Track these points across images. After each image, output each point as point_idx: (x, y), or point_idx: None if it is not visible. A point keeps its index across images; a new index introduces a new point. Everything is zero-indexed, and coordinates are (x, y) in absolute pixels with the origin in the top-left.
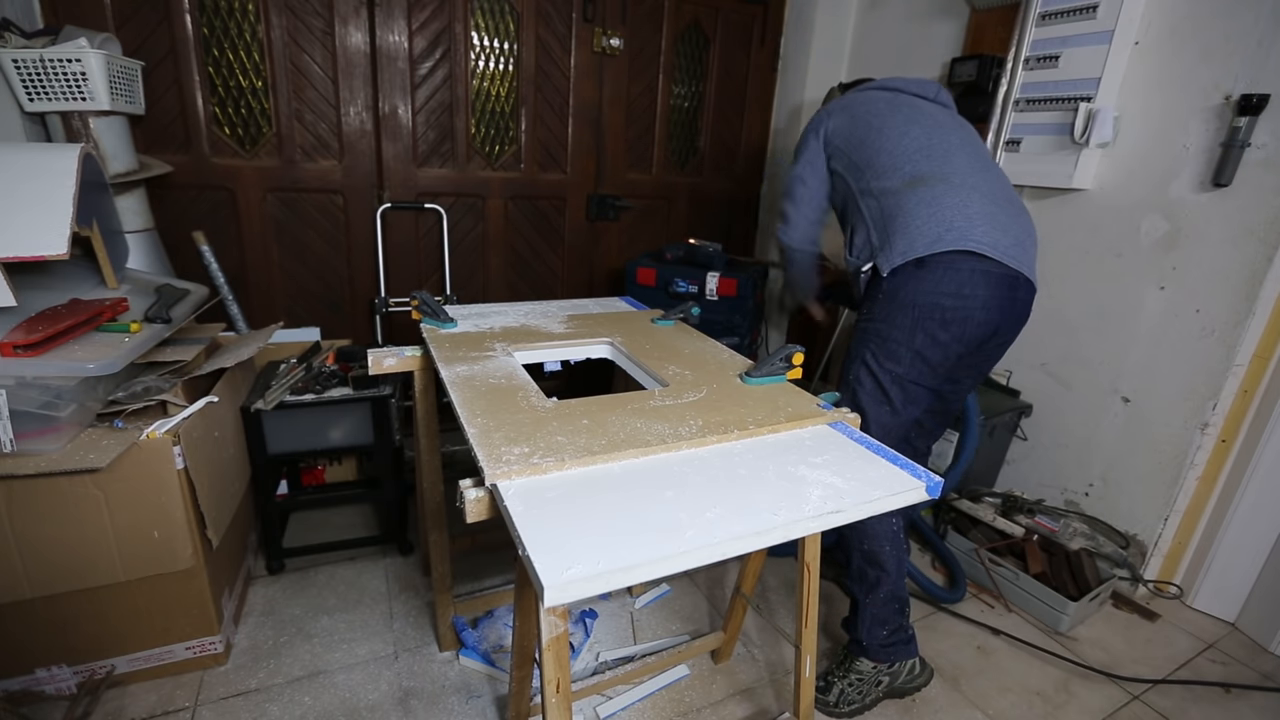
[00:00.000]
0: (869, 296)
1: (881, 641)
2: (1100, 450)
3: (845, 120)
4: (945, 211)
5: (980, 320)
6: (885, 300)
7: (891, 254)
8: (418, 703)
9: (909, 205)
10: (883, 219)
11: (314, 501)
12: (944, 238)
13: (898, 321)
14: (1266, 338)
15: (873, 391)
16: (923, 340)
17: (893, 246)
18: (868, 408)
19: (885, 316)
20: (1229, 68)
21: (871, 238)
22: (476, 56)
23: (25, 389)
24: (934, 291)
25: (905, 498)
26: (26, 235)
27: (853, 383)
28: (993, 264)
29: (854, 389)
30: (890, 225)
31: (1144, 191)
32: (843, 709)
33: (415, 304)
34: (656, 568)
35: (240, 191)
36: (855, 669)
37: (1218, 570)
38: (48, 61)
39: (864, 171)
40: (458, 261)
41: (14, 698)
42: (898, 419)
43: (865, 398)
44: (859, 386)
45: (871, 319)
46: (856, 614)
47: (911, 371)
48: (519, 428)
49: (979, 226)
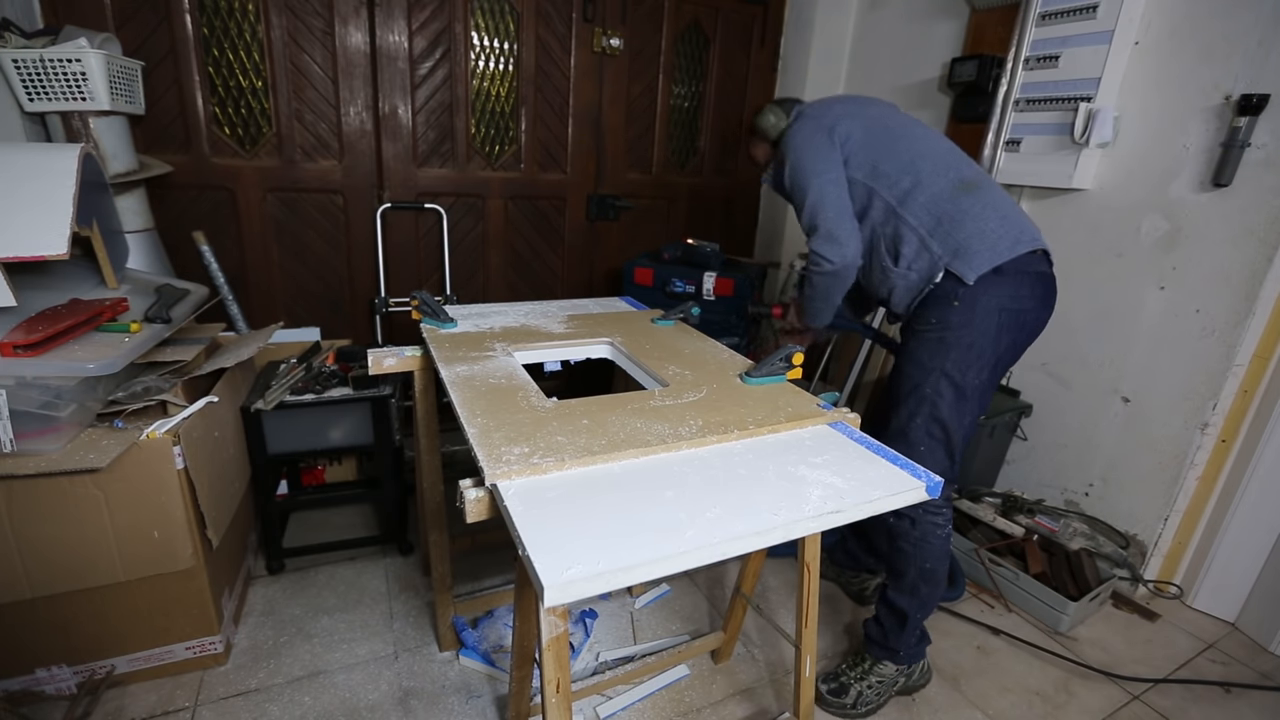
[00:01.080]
0: (936, 305)
1: (913, 647)
2: (1100, 450)
3: (857, 125)
4: (1011, 214)
5: (1043, 320)
6: (964, 308)
7: (973, 260)
8: (418, 703)
9: (974, 210)
10: (940, 225)
11: (314, 501)
12: (1021, 240)
13: (981, 328)
14: (1266, 338)
15: (954, 403)
16: (1006, 345)
17: (972, 252)
18: (950, 420)
19: (966, 323)
20: (1229, 68)
21: (930, 246)
22: (476, 56)
23: (25, 389)
24: (1016, 296)
25: (905, 497)
26: (26, 235)
27: (931, 396)
28: (1046, 263)
29: (933, 402)
30: (958, 231)
31: (1144, 191)
32: (859, 710)
33: (415, 304)
34: (656, 568)
35: (240, 191)
36: (878, 672)
37: (1218, 570)
38: (48, 61)
39: (897, 178)
40: (458, 261)
41: (14, 698)
42: (974, 428)
43: (947, 410)
44: (939, 399)
45: (948, 328)
46: (901, 625)
47: (993, 378)
48: (519, 428)
49: (1033, 226)
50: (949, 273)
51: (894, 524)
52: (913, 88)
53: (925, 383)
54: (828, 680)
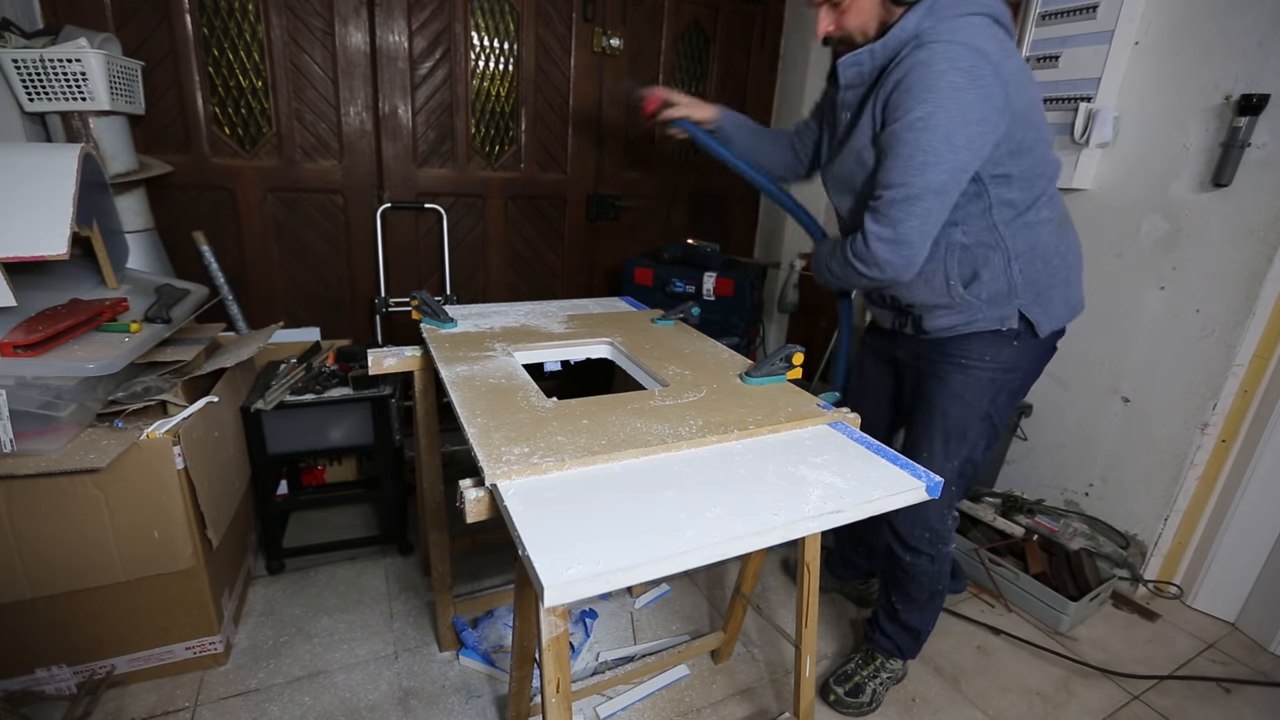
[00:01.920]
0: (993, 341)
1: (921, 645)
2: (1100, 450)
3: (1021, 83)
4: (1079, 273)
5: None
6: (1022, 350)
7: (1051, 310)
8: (418, 703)
9: (1067, 255)
10: (1032, 258)
11: (314, 501)
12: (1079, 300)
13: (1030, 372)
14: (1266, 338)
15: (989, 446)
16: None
17: (1051, 302)
18: (981, 462)
19: (1018, 367)
20: (1229, 68)
21: (1014, 278)
22: (476, 56)
23: (25, 389)
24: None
25: (905, 497)
26: (27, 235)
27: (974, 439)
28: None
29: (974, 444)
30: (1051, 274)
31: (1144, 191)
32: (873, 707)
33: (415, 304)
34: (656, 568)
35: (240, 191)
36: (888, 668)
37: (1218, 570)
38: (48, 61)
39: (1023, 183)
40: (458, 261)
41: (14, 698)
42: None
43: (983, 453)
44: (980, 441)
45: (1003, 369)
46: (916, 638)
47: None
48: (519, 428)
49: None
50: (1021, 315)
51: (912, 562)
52: None
53: (971, 425)
54: (842, 682)
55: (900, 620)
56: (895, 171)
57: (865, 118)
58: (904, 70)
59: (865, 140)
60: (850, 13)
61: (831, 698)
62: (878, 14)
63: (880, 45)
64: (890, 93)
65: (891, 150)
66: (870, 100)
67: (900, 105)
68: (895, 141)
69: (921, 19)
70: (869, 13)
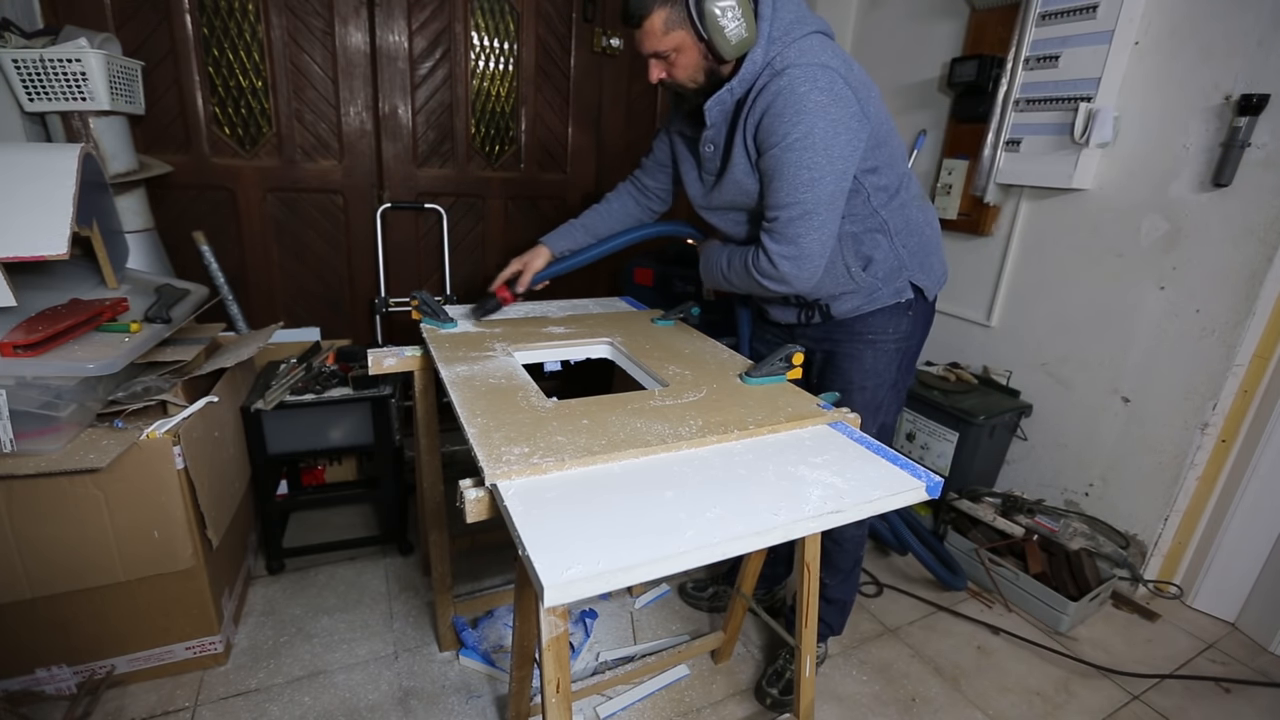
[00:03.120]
0: (893, 315)
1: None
2: (1100, 450)
3: (876, 101)
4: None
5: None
6: (916, 316)
7: (934, 276)
8: (418, 703)
9: (932, 224)
10: (909, 233)
11: (314, 501)
12: (946, 273)
13: (923, 335)
14: (1266, 338)
15: (897, 408)
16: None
17: (933, 269)
18: (890, 423)
19: (914, 332)
20: (1229, 68)
21: (900, 253)
22: (476, 56)
23: (25, 389)
24: (932, 315)
25: (905, 497)
26: (27, 235)
27: (885, 404)
28: None
29: (886, 409)
30: (925, 244)
31: (1144, 191)
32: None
33: (415, 304)
34: (656, 568)
35: (240, 191)
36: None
37: (1218, 570)
38: (48, 61)
39: (888, 169)
40: (458, 261)
41: (14, 698)
42: None
43: (892, 415)
44: (889, 405)
45: (903, 337)
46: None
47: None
48: (519, 428)
49: None
50: (911, 285)
51: (843, 532)
52: (913, 88)
53: (884, 395)
54: (774, 682)
55: (828, 597)
56: (784, 192)
57: (737, 149)
58: (768, 98)
59: (744, 168)
60: (678, 66)
61: (768, 700)
62: (704, 66)
63: (737, 83)
64: (760, 120)
65: (777, 173)
66: (738, 132)
67: (775, 131)
68: (778, 165)
69: (766, 49)
70: (695, 67)
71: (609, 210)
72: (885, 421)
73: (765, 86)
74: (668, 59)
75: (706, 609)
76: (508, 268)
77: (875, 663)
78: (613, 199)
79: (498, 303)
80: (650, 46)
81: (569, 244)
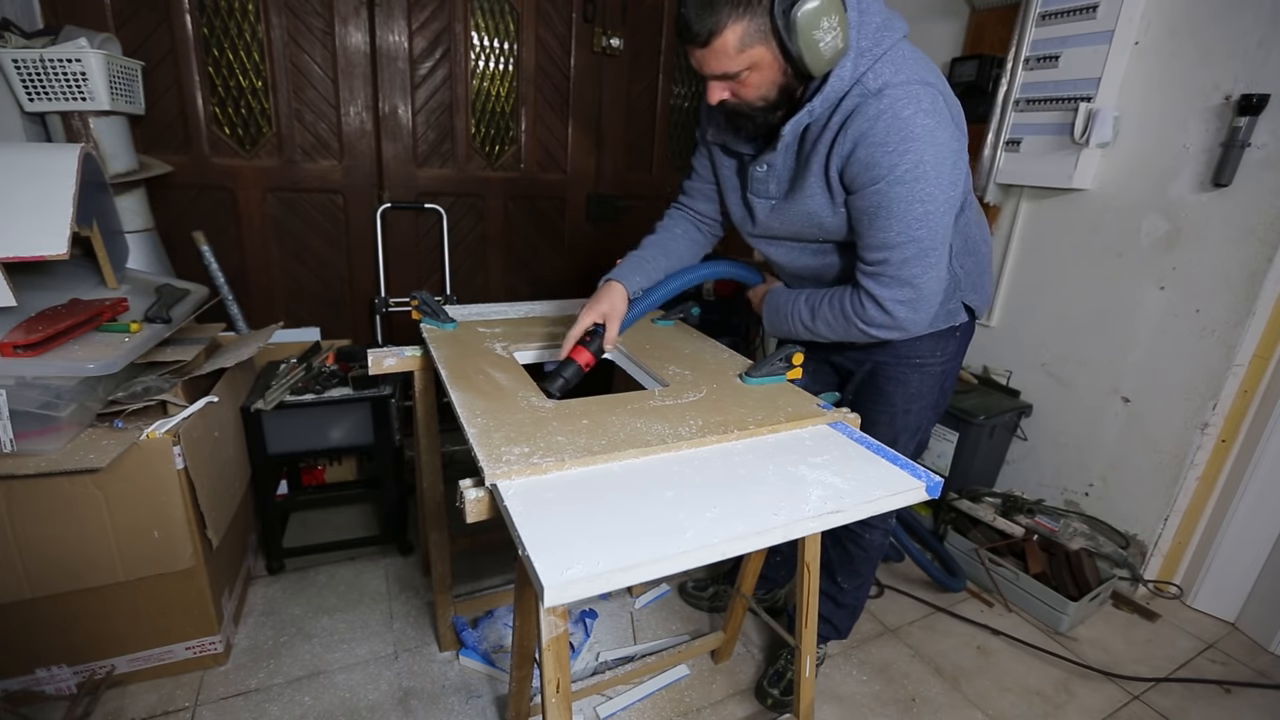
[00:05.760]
0: (941, 337)
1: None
2: (1100, 450)
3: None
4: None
5: None
6: (960, 338)
7: (984, 294)
8: (418, 703)
9: (987, 241)
10: (967, 253)
11: (314, 501)
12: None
13: (961, 360)
14: (1266, 338)
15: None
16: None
17: (984, 288)
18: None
19: (958, 354)
20: (1229, 68)
21: (958, 274)
22: (476, 56)
23: (25, 389)
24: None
25: (905, 497)
26: (27, 235)
27: (926, 426)
28: None
29: (925, 430)
30: (980, 263)
31: (1144, 191)
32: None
33: (415, 304)
34: (656, 568)
35: (240, 191)
36: (822, 653)
37: (1218, 570)
38: (48, 61)
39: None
40: (458, 261)
41: (14, 698)
42: None
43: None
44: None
45: (948, 358)
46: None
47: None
48: (519, 428)
49: None
50: (964, 305)
51: (870, 539)
52: None
53: (925, 416)
54: (776, 682)
55: (841, 601)
56: (895, 230)
57: (813, 177)
58: (864, 124)
59: (821, 200)
60: (748, 85)
61: (769, 700)
62: (780, 83)
63: (819, 102)
64: (853, 150)
65: (883, 209)
66: (814, 157)
67: (879, 163)
68: (884, 200)
69: (855, 62)
70: (769, 84)
71: (673, 240)
72: (923, 440)
73: (857, 108)
74: (736, 78)
75: (707, 609)
76: (578, 322)
77: (875, 663)
78: (673, 227)
79: (579, 369)
80: (719, 67)
81: (643, 281)
